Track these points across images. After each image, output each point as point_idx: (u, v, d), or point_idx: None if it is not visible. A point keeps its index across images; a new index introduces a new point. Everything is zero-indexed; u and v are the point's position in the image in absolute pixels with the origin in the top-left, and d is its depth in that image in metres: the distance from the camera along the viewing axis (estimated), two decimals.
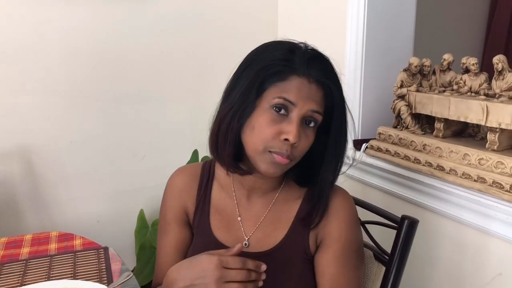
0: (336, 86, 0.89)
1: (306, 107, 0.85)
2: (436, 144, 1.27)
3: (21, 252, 1.22)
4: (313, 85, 0.86)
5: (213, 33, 1.91)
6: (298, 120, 0.85)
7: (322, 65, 0.89)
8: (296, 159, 0.88)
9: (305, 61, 0.86)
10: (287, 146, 0.85)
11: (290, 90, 0.85)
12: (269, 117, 0.85)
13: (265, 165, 0.87)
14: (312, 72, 0.86)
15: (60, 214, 1.79)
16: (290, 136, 0.83)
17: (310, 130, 0.88)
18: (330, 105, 0.89)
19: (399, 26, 1.58)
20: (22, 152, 1.70)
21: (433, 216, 1.29)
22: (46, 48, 1.68)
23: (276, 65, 0.86)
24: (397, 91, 1.41)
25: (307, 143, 0.87)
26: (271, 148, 0.85)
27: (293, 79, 0.85)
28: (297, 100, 0.84)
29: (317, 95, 0.86)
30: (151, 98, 1.89)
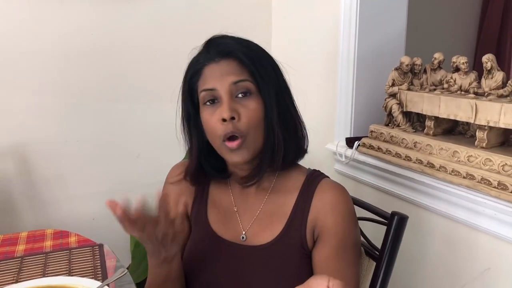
0: (242, 52, 0.91)
1: (225, 84, 0.89)
2: (427, 141, 1.29)
3: (16, 249, 1.23)
4: (222, 62, 0.90)
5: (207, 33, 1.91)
6: (226, 98, 0.88)
7: (219, 41, 0.93)
8: (248, 133, 0.89)
9: (205, 50, 0.94)
10: (228, 125, 0.87)
11: (207, 80, 0.91)
12: (206, 112, 0.91)
13: (228, 156, 0.91)
14: (213, 53, 0.91)
15: (55, 212, 1.80)
16: (223, 114, 0.87)
17: (247, 100, 0.90)
18: (251, 69, 0.91)
19: (391, 25, 1.59)
20: (17, 150, 1.71)
21: (423, 212, 1.32)
22: (41, 47, 1.69)
23: (189, 70, 0.95)
24: (388, 90, 1.43)
25: (251, 112, 0.89)
26: (221, 137, 0.89)
27: (205, 70, 0.92)
28: (214, 84, 0.89)
29: (230, 68, 0.90)
30: (146, 96, 1.90)
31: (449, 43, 2.66)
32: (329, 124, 1.69)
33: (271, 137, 0.92)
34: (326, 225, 0.94)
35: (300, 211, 0.96)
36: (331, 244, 0.93)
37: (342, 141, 1.60)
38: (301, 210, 0.96)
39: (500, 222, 1.09)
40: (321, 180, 0.98)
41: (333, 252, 0.93)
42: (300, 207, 0.96)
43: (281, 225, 0.96)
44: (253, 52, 0.93)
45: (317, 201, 0.95)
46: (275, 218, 0.97)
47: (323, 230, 0.94)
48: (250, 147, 0.90)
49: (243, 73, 0.90)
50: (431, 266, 1.32)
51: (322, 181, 0.98)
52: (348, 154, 1.55)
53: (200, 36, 1.91)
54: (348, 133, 1.62)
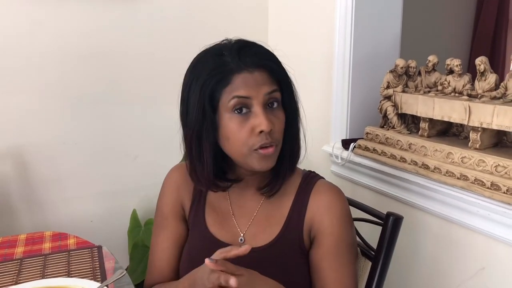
0: (274, 63, 0.92)
1: (260, 94, 0.88)
2: (421, 143, 1.31)
3: (16, 251, 1.24)
4: (256, 73, 0.89)
5: (203, 35, 1.92)
6: (262, 109, 0.87)
7: (252, 50, 0.91)
8: (280, 142, 0.92)
9: (236, 57, 0.89)
10: (266, 136, 0.88)
11: (239, 88, 0.87)
12: (236, 121, 0.88)
13: (258, 163, 0.90)
14: (247, 63, 0.88)
15: (53, 214, 1.80)
16: (263, 127, 0.86)
17: (277, 111, 0.91)
18: (278, 79, 0.92)
19: (386, 28, 1.61)
20: (15, 152, 1.72)
21: (418, 213, 1.33)
22: (38, 49, 1.70)
23: (214, 75, 0.88)
24: (383, 92, 1.45)
25: (281, 124, 0.91)
26: (254, 146, 0.88)
27: (235, 78, 0.88)
28: (249, 93, 0.87)
29: (264, 78, 0.89)
30: (143, 98, 1.91)
31: (444, 45, 2.69)
32: (325, 126, 1.71)
33: (294, 146, 0.96)
34: (322, 226, 0.95)
35: (297, 212, 0.97)
36: (327, 244, 0.94)
37: (338, 143, 1.62)
38: (298, 211, 0.97)
39: (494, 222, 1.11)
40: (317, 181, 1.00)
41: (329, 252, 0.94)
42: (297, 208, 0.98)
43: (278, 227, 0.97)
44: (279, 63, 0.94)
45: (313, 202, 0.97)
46: (273, 220, 0.98)
47: (319, 231, 0.95)
48: (277, 155, 0.93)
49: (274, 83, 0.90)
50: (426, 266, 1.34)
51: (318, 182, 1.00)
52: (344, 156, 1.56)
53: (196, 38, 1.94)
54: (344, 135, 1.63)
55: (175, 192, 1.07)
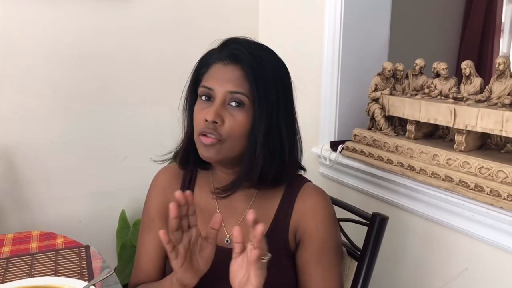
0: (249, 64, 0.91)
1: (222, 89, 0.91)
2: (408, 145, 1.32)
3: (2, 251, 1.23)
4: (229, 67, 0.93)
5: (193, 36, 1.94)
6: (218, 102, 0.91)
7: (235, 46, 0.94)
8: (225, 139, 0.91)
9: (220, 47, 0.96)
10: (209, 125, 0.90)
11: (210, 77, 0.94)
12: (199, 106, 0.94)
13: (200, 149, 0.93)
14: (224, 55, 0.93)
15: (41, 214, 1.80)
16: (207, 116, 0.90)
17: (236, 111, 0.91)
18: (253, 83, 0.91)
19: (375, 32, 1.63)
20: (3, 152, 1.71)
21: (404, 214, 1.35)
22: (29, 49, 1.69)
23: (201, 60, 0.98)
24: (371, 94, 1.47)
25: (234, 123, 0.91)
26: (198, 132, 0.92)
27: (212, 67, 0.95)
28: (213, 85, 0.92)
29: (235, 76, 0.91)
30: (132, 99, 1.91)
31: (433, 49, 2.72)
32: (314, 128, 1.72)
33: (251, 154, 0.93)
34: (307, 229, 0.96)
35: (283, 215, 0.98)
36: (312, 248, 0.96)
37: (327, 145, 1.63)
38: (284, 214, 0.98)
39: (477, 223, 1.13)
40: (303, 184, 1.01)
41: (314, 255, 0.96)
42: (283, 211, 0.99)
43: (264, 229, 0.98)
44: (261, 66, 0.92)
45: (299, 205, 0.98)
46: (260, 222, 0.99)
47: (305, 234, 0.97)
48: (222, 152, 0.92)
49: (243, 85, 0.91)
50: (411, 266, 1.35)
51: (304, 186, 1.01)
52: (332, 158, 1.58)
53: (186, 39, 1.94)
54: (333, 137, 1.65)
55: (161, 194, 1.07)
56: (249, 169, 0.94)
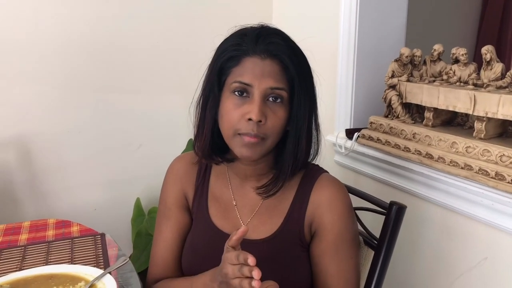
0: (290, 58, 0.89)
1: (263, 85, 0.87)
2: (426, 132, 1.30)
3: (20, 238, 1.24)
4: (267, 62, 0.88)
5: (207, 24, 1.92)
6: (259, 99, 0.87)
7: (271, 39, 0.90)
8: (269, 137, 0.89)
9: (253, 40, 0.89)
10: (253, 126, 0.87)
11: (245, 72, 0.88)
12: (232, 102, 0.89)
13: (239, 149, 0.90)
14: (261, 49, 0.88)
15: (57, 202, 1.81)
16: (252, 115, 0.86)
17: (277, 107, 0.89)
18: (291, 77, 0.90)
19: (392, 17, 1.60)
20: (19, 141, 1.72)
21: (421, 203, 1.33)
22: (41, 37, 1.70)
23: (228, 51, 0.91)
24: (388, 81, 1.44)
25: (277, 119, 0.89)
26: (239, 131, 0.88)
27: (245, 61, 0.89)
28: (252, 81, 0.87)
29: (274, 71, 0.88)
30: (146, 87, 1.91)
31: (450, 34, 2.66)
32: (329, 115, 1.70)
33: (295, 146, 0.92)
34: (323, 221, 0.95)
35: (299, 206, 0.97)
36: (328, 240, 0.94)
37: (342, 133, 1.61)
38: (299, 205, 0.97)
39: (498, 212, 1.10)
40: (320, 175, 0.99)
41: (330, 247, 0.94)
42: (298, 202, 0.97)
43: (280, 220, 0.97)
44: (299, 60, 0.91)
45: (315, 197, 0.96)
46: (275, 213, 0.98)
47: (320, 226, 0.95)
48: (263, 150, 0.90)
49: (283, 80, 0.89)
50: (428, 256, 1.34)
51: (320, 177, 0.99)
52: (348, 146, 1.56)
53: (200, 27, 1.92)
54: (348, 125, 1.62)
55: (178, 182, 1.06)
56: (292, 164, 0.93)
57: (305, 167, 1.00)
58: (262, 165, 0.98)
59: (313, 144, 0.97)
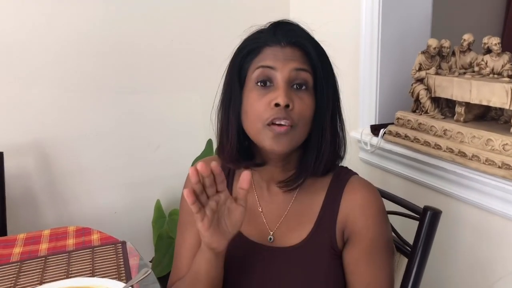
0: (310, 43, 0.87)
1: (287, 67, 0.84)
2: (457, 129, 1.23)
3: (40, 248, 1.22)
4: (287, 48, 0.86)
5: (224, 21, 1.87)
6: (284, 83, 0.84)
7: (289, 27, 0.89)
8: (298, 124, 0.85)
9: (271, 31, 0.88)
10: (281, 111, 0.82)
11: (266, 58, 0.86)
12: (255, 93, 0.86)
13: (269, 141, 0.85)
14: (280, 37, 0.87)
15: (77, 206, 1.80)
16: (279, 99, 0.82)
17: (303, 93, 0.85)
18: (313, 64, 0.87)
19: (416, 6, 1.52)
20: (37, 146, 1.71)
21: (455, 203, 1.26)
22: (58, 40, 1.67)
23: (246, 46, 0.89)
24: (415, 75, 1.37)
25: (304, 106, 0.85)
26: (267, 121, 0.83)
27: (265, 50, 0.87)
28: (275, 63, 0.85)
29: (295, 55, 0.86)
30: (163, 88, 1.87)
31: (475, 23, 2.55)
32: (353, 111, 1.64)
33: (319, 139, 0.88)
34: (356, 226, 0.89)
35: (329, 211, 0.92)
36: (362, 245, 0.89)
37: (367, 129, 1.55)
38: (330, 210, 0.92)
39: None
40: (349, 178, 0.94)
41: (364, 253, 0.89)
42: (328, 207, 0.92)
43: (309, 226, 0.92)
44: (319, 47, 0.89)
45: (346, 201, 0.91)
46: (303, 219, 0.93)
47: (354, 232, 0.90)
48: (294, 140, 0.85)
49: (306, 63, 0.86)
50: (463, 259, 1.27)
51: (351, 179, 0.93)
52: (374, 143, 1.50)
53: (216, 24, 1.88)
54: (373, 120, 1.56)
55: None
56: (316, 156, 0.88)
57: (333, 169, 0.95)
58: (290, 166, 0.93)
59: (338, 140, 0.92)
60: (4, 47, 1.61)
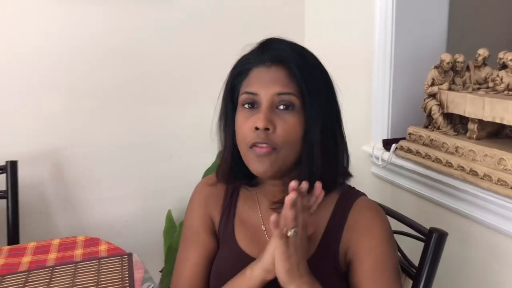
0: (295, 63, 0.86)
1: (269, 92, 0.84)
2: (470, 146, 1.20)
3: (48, 258, 1.24)
4: (273, 69, 0.86)
5: (239, 33, 1.87)
6: (265, 107, 0.84)
7: (276, 45, 0.88)
8: (280, 147, 0.84)
9: (259, 51, 0.89)
10: (261, 135, 0.83)
11: (252, 82, 0.87)
12: (242, 115, 0.87)
13: (253, 164, 0.86)
14: (266, 57, 0.87)
15: (89, 215, 1.81)
16: (258, 123, 0.83)
17: (287, 114, 0.85)
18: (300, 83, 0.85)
19: (432, 20, 1.49)
20: (51, 154, 1.73)
21: (466, 222, 1.23)
22: (72, 49, 1.69)
23: (237, 67, 0.91)
24: (427, 90, 1.35)
25: (287, 127, 0.84)
26: (249, 143, 0.85)
27: (252, 72, 0.88)
28: (257, 89, 0.85)
29: (280, 77, 0.85)
30: (177, 98, 1.88)
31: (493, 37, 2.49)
32: (365, 124, 1.62)
33: (309, 159, 0.86)
34: (360, 247, 0.87)
35: (334, 232, 0.90)
36: (365, 268, 0.86)
37: (379, 143, 1.53)
38: (334, 231, 0.90)
39: None
40: (356, 199, 0.92)
41: (368, 276, 0.86)
42: (333, 228, 0.90)
43: (313, 246, 0.90)
44: (307, 65, 0.87)
45: (351, 222, 0.89)
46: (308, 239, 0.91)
47: (357, 253, 0.88)
48: (278, 162, 0.85)
49: (290, 85, 0.85)
50: (474, 280, 1.23)
51: (357, 201, 0.92)
52: (385, 157, 1.47)
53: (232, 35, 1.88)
54: (385, 135, 1.54)
55: (203, 206, 1.02)
56: (308, 176, 0.86)
57: (336, 187, 0.93)
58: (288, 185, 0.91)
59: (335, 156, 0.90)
60: (18, 57, 1.64)
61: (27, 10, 1.63)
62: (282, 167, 0.86)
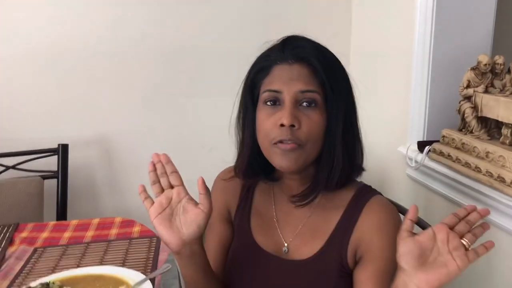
0: (318, 60, 0.87)
1: (292, 89, 0.86)
2: (500, 152, 1.16)
3: (86, 235, 1.34)
4: (295, 66, 0.87)
5: (279, 29, 1.89)
6: (290, 104, 0.85)
7: (297, 43, 0.89)
8: (305, 143, 0.86)
9: (280, 48, 0.90)
10: (286, 132, 0.85)
11: (274, 80, 0.88)
12: (264, 112, 0.88)
13: (277, 159, 0.87)
14: (288, 54, 0.88)
15: (132, 198, 1.91)
16: (284, 120, 0.84)
17: (311, 111, 0.86)
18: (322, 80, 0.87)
19: (475, 22, 1.44)
20: (101, 140, 1.86)
21: (494, 230, 1.18)
22: (121, 45, 1.82)
23: (258, 64, 0.92)
24: (462, 92, 1.31)
25: (311, 124, 0.86)
26: (274, 140, 0.86)
27: (274, 69, 0.89)
28: (280, 87, 0.86)
29: (303, 74, 0.87)
30: (221, 91, 1.94)
31: None
32: (402, 125, 1.59)
33: (331, 154, 0.88)
34: (370, 247, 0.88)
35: (344, 229, 0.91)
36: (375, 266, 0.87)
37: (414, 145, 1.50)
38: (344, 228, 0.91)
39: None
40: (370, 198, 0.92)
41: (376, 275, 0.87)
42: (344, 224, 0.91)
43: (321, 242, 0.92)
44: (328, 62, 0.89)
45: (364, 220, 0.90)
46: (317, 234, 0.93)
47: (367, 252, 0.89)
48: (302, 157, 0.87)
49: (313, 83, 0.87)
50: None
51: (372, 199, 0.92)
52: (419, 159, 1.45)
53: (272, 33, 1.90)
54: (421, 136, 1.51)
55: (222, 195, 1.06)
56: (329, 171, 0.89)
57: (351, 182, 0.94)
58: (306, 180, 0.94)
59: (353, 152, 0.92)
60: (73, 52, 1.78)
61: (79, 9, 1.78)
62: (305, 162, 0.88)
